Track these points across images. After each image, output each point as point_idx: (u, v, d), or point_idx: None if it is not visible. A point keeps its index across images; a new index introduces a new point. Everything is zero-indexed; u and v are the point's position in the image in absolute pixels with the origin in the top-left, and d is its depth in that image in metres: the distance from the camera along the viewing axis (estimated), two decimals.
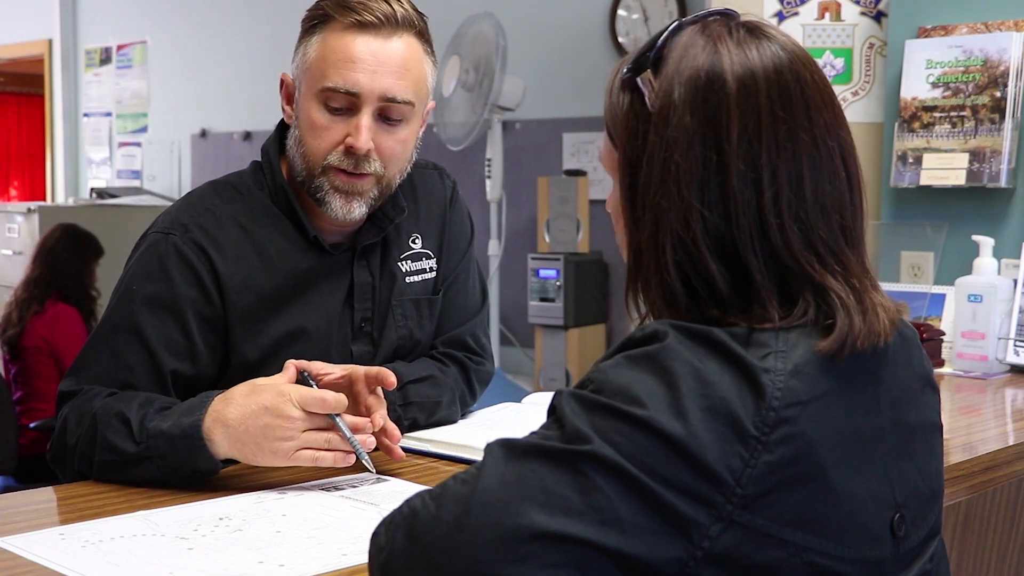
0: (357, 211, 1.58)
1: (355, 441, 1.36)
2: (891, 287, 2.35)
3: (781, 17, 2.75)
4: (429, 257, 1.74)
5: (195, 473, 1.37)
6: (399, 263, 1.70)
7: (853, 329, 0.91)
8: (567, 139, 4.66)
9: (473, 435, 1.59)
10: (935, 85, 2.47)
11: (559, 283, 4.23)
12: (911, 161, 2.48)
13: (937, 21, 2.52)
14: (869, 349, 0.93)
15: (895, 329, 0.97)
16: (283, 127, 1.66)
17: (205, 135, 6.31)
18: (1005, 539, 1.87)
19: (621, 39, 4.47)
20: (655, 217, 0.94)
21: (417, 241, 1.73)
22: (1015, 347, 2.18)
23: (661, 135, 0.93)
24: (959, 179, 2.41)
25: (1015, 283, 2.23)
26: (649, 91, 0.95)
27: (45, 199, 7.40)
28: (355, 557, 1.12)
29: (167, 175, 6.53)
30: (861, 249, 0.97)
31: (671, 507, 0.83)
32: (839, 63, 2.72)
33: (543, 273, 4.28)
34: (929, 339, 2.18)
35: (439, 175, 1.80)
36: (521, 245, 4.65)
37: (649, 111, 0.95)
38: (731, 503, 0.84)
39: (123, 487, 1.38)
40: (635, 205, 0.96)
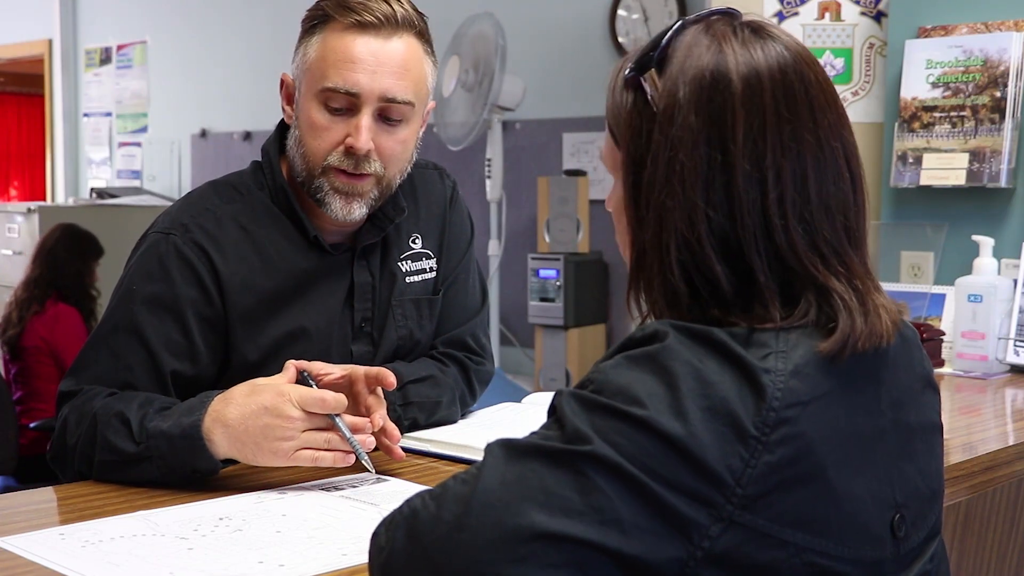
0: (357, 212, 1.58)
1: (355, 441, 1.36)
2: (891, 287, 2.35)
3: (781, 17, 2.75)
4: (429, 257, 1.74)
5: (195, 473, 1.37)
6: (399, 263, 1.70)
7: (855, 331, 0.91)
8: (567, 139, 4.66)
9: (473, 435, 1.59)
10: (935, 85, 2.47)
11: (559, 283, 4.23)
12: (911, 161, 2.48)
13: (937, 21, 2.52)
14: (870, 350, 0.93)
15: (897, 328, 0.97)
16: (283, 127, 1.66)
17: (205, 135, 6.31)
18: (1005, 539, 1.87)
19: (621, 39, 4.47)
20: (659, 216, 0.93)
21: (417, 241, 1.73)
22: (1015, 347, 2.18)
23: (666, 134, 0.93)
24: (959, 179, 2.41)
25: (1015, 283, 2.22)
26: (653, 90, 0.95)
27: (45, 199, 7.40)
28: (355, 557, 1.12)
29: (167, 175, 6.53)
30: (864, 250, 0.97)
31: (671, 507, 0.83)
32: (839, 63, 2.72)
33: (543, 273, 4.28)
34: (929, 339, 2.18)
35: (439, 175, 1.80)
36: (521, 245, 4.65)
37: (653, 110, 0.95)
38: (731, 503, 0.84)
39: (123, 487, 1.38)
40: (639, 204, 0.96)
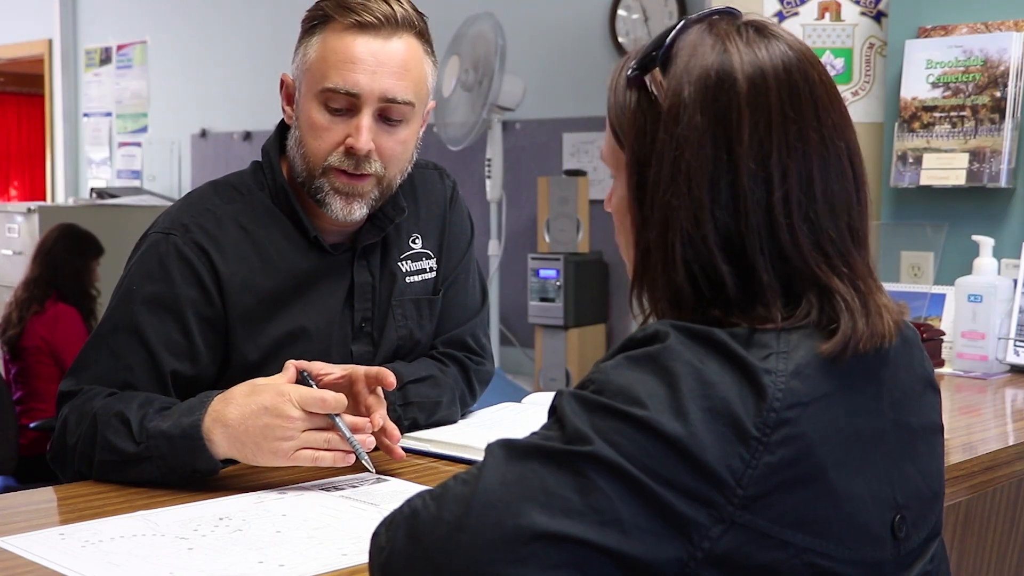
0: (358, 212, 1.58)
1: (355, 441, 1.36)
2: (891, 287, 2.34)
3: (781, 17, 2.75)
4: (429, 257, 1.74)
5: (195, 473, 1.37)
6: (399, 263, 1.70)
7: (856, 332, 0.91)
8: (567, 139, 4.66)
9: (473, 435, 1.59)
10: (935, 85, 2.47)
11: (559, 283, 4.23)
12: (911, 161, 2.48)
13: (937, 21, 2.52)
14: (871, 351, 0.93)
15: (898, 329, 0.97)
16: (283, 127, 1.66)
17: (205, 135, 6.31)
18: (1005, 539, 1.87)
19: (621, 39, 4.47)
20: (665, 215, 0.93)
21: (417, 241, 1.73)
22: (1015, 347, 2.18)
23: (671, 133, 0.93)
24: (959, 179, 2.41)
25: (1015, 283, 2.22)
26: (657, 89, 0.95)
27: (45, 199, 7.40)
28: (355, 557, 1.12)
29: (167, 175, 6.53)
30: (866, 249, 0.97)
31: (671, 508, 0.83)
32: (839, 63, 2.72)
33: (543, 273, 4.28)
34: (929, 339, 2.18)
35: (439, 175, 1.80)
36: (521, 245, 4.65)
37: (658, 109, 0.95)
38: (732, 504, 0.84)
39: (123, 487, 1.38)
40: (643, 204, 0.95)
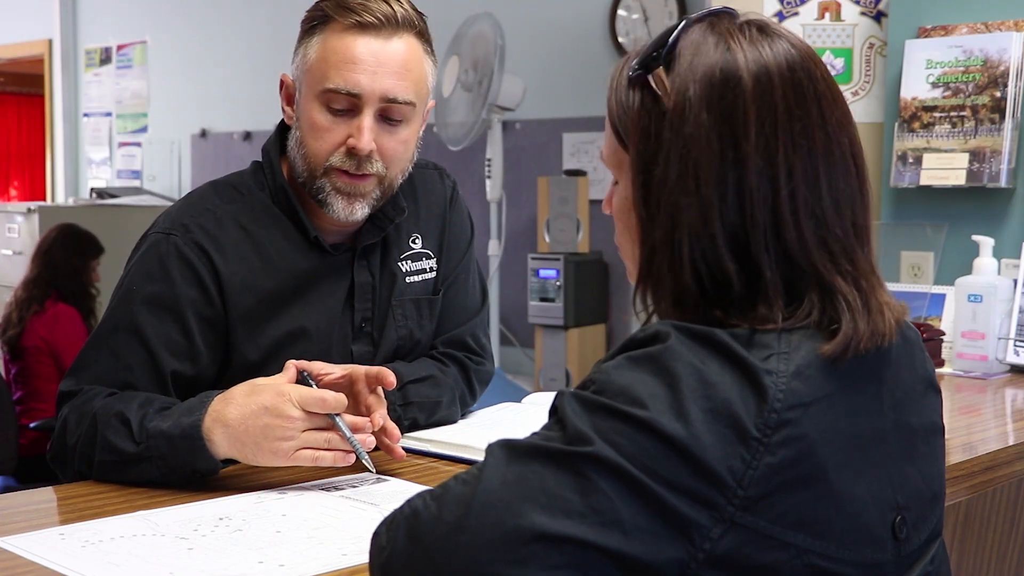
0: (360, 212, 1.58)
1: (355, 441, 1.36)
2: (891, 287, 2.30)
3: (781, 17, 2.75)
4: (429, 257, 1.74)
5: (195, 473, 1.37)
6: (399, 263, 1.70)
7: (858, 332, 0.91)
8: (567, 139, 4.66)
9: (473, 435, 1.59)
10: (935, 85, 2.47)
11: (559, 283, 4.23)
12: (911, 161, 2.48)
13: (937, 21, 2.52)
14: (872, 349, 0.93)
15: (899, 328, 0.97)
16: (283, 127, 1.66)
17: (205, 135, 6.31)
18: (1005, 539, 1.87)
19: (621, 39, 4.47)
20: (672, 214, 0.93)
21: (417, 241, 1.73)
22: (1015, 347, 2.18)
23: (678, 132, 0.93)
24: (959, 179, 2.41)
25: (1015, 283, 2.22)
26: (662, 89, 0.95)
27: (45, 199, 7.40)
28: (355, 557, 1.12)
29: (167, 175, 6.53)
30: (869, 247, 0.98)
31: (672, 508, 0.83)
32: (839, 63, 2.72)
33: (543, 273, 4.28)
34: (929, 339, 2.18)
35: (439, 175, 1.80)
36: (521, 245, 4.65)
37: (663, 109, 0.95)
38: (732, 504, 0.84)
39: (123, 487, 1.38)
40: (649, 203, 0.95)
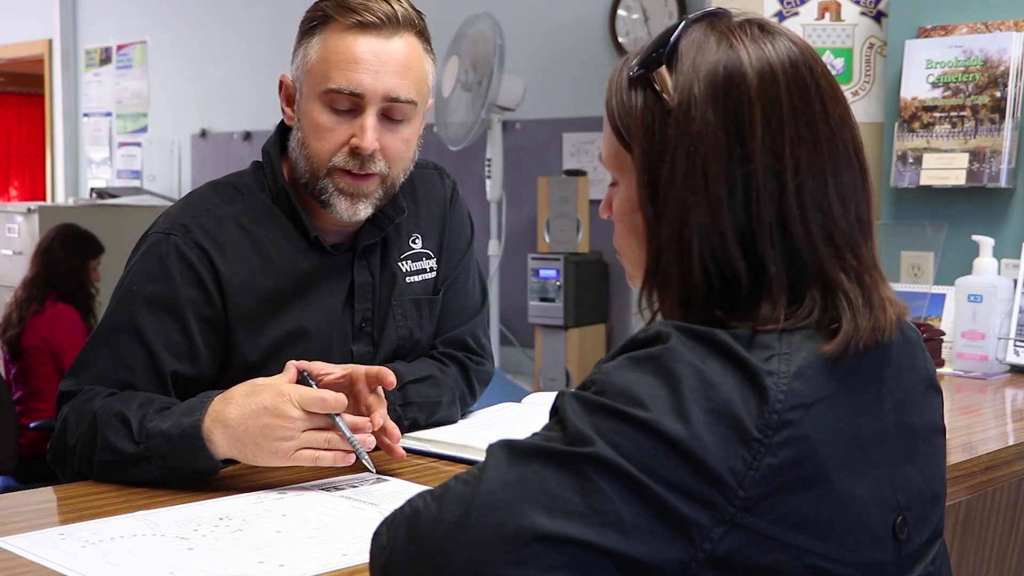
0: (363, 212, 1.58)
1: (355, 441, 1.36)
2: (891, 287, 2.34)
3: (781, 17, 2.75)
4: (429, 257, 1.74)
5: (195, 473, 1.37)
6: (399, 263, 1.70)
7: (858, 331, 0.92)
8: (567, 139, 4.66)
9: (473, 435, 1.59)
10: (935, 85, 2.47)
11: (559, 283, 4.23)
12: (911, 161, 2.48)
13: (937, 21, 2.52)
14: (873, 346, 0.93)
15: (900, 324, 0.97)
16: (283, 127, 1.66)
17: (205, 135, 6.31)
18: (1005, 539, 1.87)
19: (621, 39, 4.47)
20: (680, 212, 0.93)
21: (417, 241, 1.73)
22: (1015, 347, 2.18)
23: (684, 130, 0.93)
24: (959, 179, 2.41)
25: (1015, 283, 2.22)
26: (665, 88, 0.95)
27: (45, 199, 7.40)
28: (355, 557, 1.12)
29: (167, 175, 6.53)
30: (872, 241, 0.98)
31: (672, 509, 0.83)
32: (839, 63, 2.72)
33: (543, 273, 4.28)
34: (929, 339, 2.18)
35: (439, 175, 1.80)
36: (521, 245, 4.65)
37: (666, 107, 0.95)
38: (733, 505, 0.84)
39: (123, 487, 1.38)
40: (656, 201, 0.95)
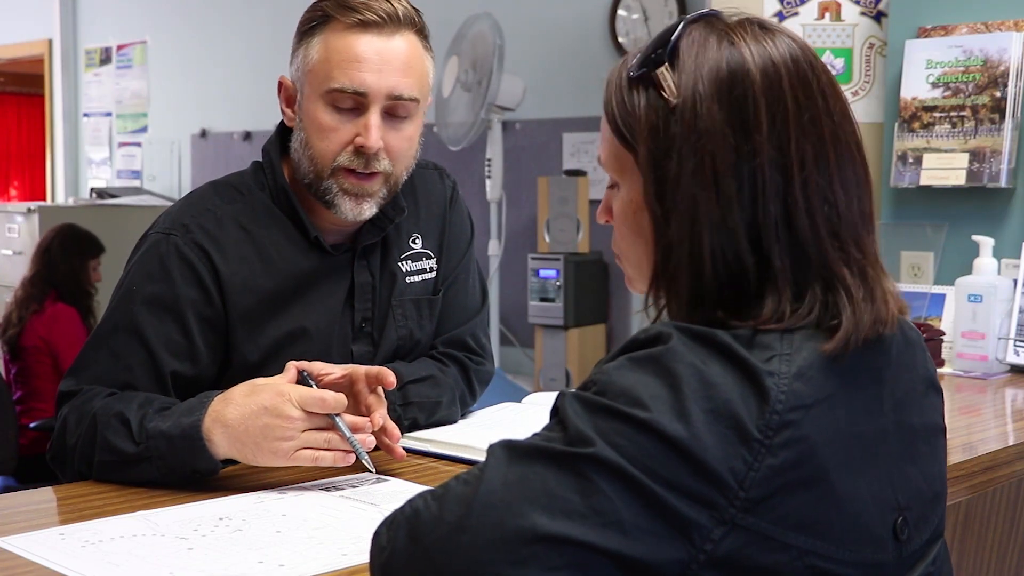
0: (368, 212, 1.58)
1: (355, 441, 1.36)
2: None
3: (781, 17, 2.75)
4: (429, 257, 1.74)
5: (195, 473, 1.37)
6: (399, 263, 1.70)
7: (858, 326, 0.92)
8: (567, 139, 4.66)
9: (473, 435, 1.59)
10: (935, 85, 2.47)
11: (559, 283, 4.23)
12: (911, 161, 2.48)
13: (937, 21, 2.52)
14: (874, 339, 0.93)
15: (900, 324, 0.98)
16: (284, 127, 1.66)
17: (205, 135, 6.31)
18: (1005, 539, 1.87)
19: (621, 39, 4.47)
20: (691, 208, 0.93)
21: (417, 241, 1.73)
22: (1015, 347, 2.18)
23: (690, 127, 0.93)
24: (959, 179, 2.41)
25: (1015, 283, 2.22)
26: (668, 86, 0.95)
27: (45, 199, 7.40)
28: (355, 557, 1.12)
29: (167, 175, 6.53)
30: (874, 233, 0.99)
31: (673, 509, 0.83)
32: (839, 63, 2.72)
33: (543, 273, 4.28)
34: (929, 339, 2.18)
35: (439, 175, 1.80)
36: (521, 245, 4.65)
37: (670, 106, 0.95)
38: (733, 506, 0.84)
39: (123, 487, 1.38)
40: (664, 199, 0.95)
